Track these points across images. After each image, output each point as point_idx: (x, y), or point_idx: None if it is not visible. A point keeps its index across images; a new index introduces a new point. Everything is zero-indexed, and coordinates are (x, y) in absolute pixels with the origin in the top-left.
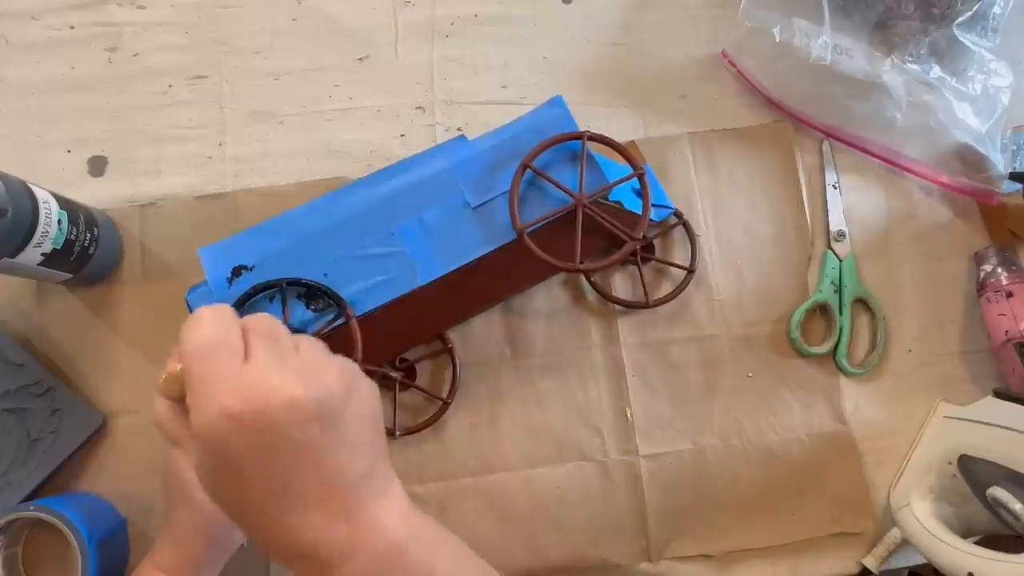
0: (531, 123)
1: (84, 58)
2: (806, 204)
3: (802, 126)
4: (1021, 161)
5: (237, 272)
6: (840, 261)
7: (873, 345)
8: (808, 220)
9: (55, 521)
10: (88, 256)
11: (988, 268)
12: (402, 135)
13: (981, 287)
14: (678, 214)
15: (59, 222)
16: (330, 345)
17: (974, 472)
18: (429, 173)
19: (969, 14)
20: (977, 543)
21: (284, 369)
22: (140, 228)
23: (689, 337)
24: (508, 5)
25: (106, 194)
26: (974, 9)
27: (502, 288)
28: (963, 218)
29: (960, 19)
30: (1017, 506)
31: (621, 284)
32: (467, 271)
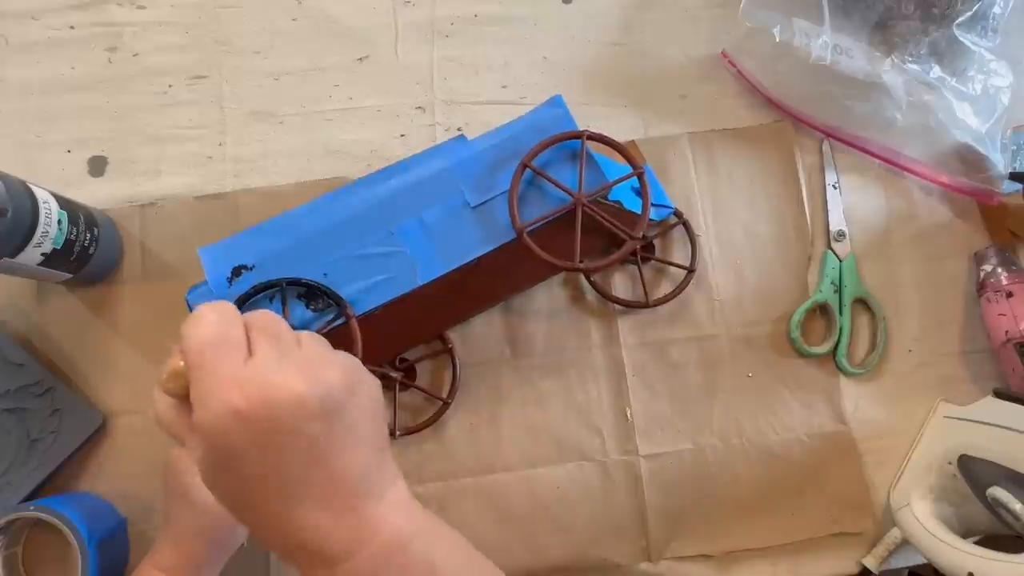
0: (531, 123)
1: (84, 58)
2: (806, 204)
3: (802, 126)
4: (1021, 161)
5: (237, 272)
6: (840, 261)
7: (873, 345)
8: (808, 220)
9: (55, 521)
10: (88, 256)
11: (988, 268)
12: (402, 135)
13: (981, 287)
14: (678, 214)
15: (59, 222)
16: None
17: (974, 472)
18: (429, 173)
19: (969, 14)
20: (977, 543)
21: (287, 365)
22: (140, 228)
23: (689, 337)
24: (508, 5)
25: (106, 194)
26: (974, 9)
27: (502, 288)
28: (963, 218)
29: (960, 19)
30: (1017, 506)
31: (621, 284)
32: (467, 271)
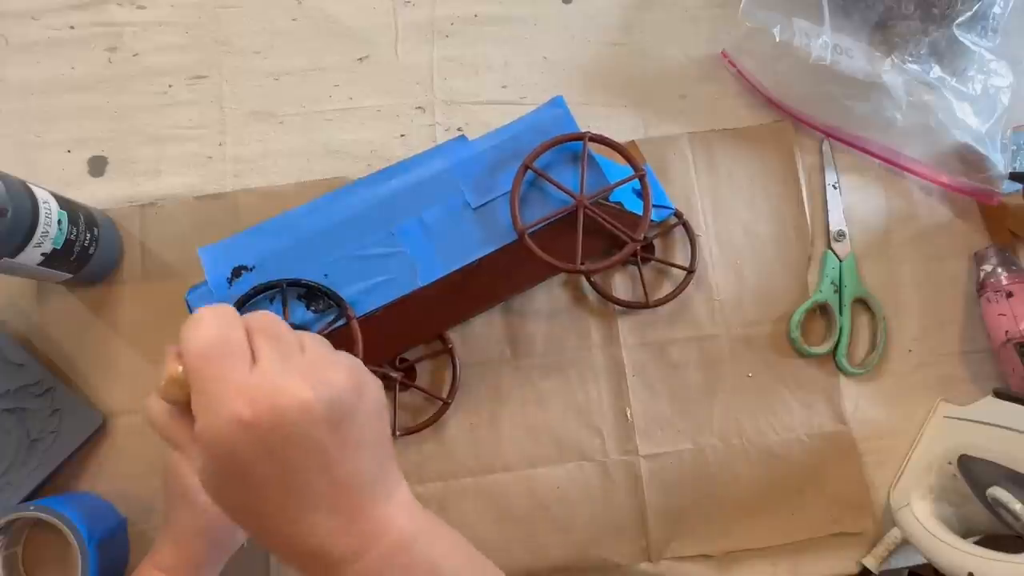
0: (532, 123)
1: (84, 58)
2: (806, 204)
3: (802, 126)
4: (1021, 161)
5: (237, 272)
6: (840, 261)
7: (873, 345)
8: (808, 220)
9: (55, 521)
10: (88, 256)
11: (988, 268)
12: (402, 135)
13: (981, 287)
14: (678, 214)
15: (59, 222)
16: None
17: (974, 472)
18: (429, 173)
19: (969, 14)
20: (977, 543)
21: (292, 371)
22: (140, 228)
23: (689, 337)
24: (508, 5)
25: (106, 194)
26: (974, 9)
27: (502, 288)
28: (963, 218)
29: (960, 19)
30: (1017, 506)
31: (621, 284)
32: (467, 272)
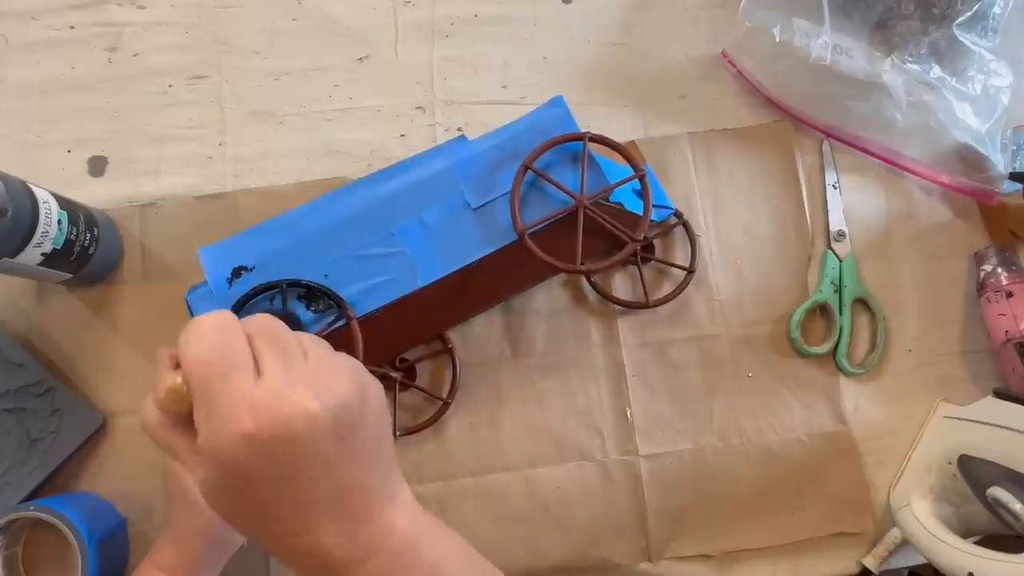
0: (531, 123)
1: (84, 58)
2: (806, 204)
3: (802, 126)
4: (1021, 161)
5: (237, 273)
6: (840, 261)
7: (873, 345)
8: (808, 220)
9: (55, 521)
10: (88, 256)
11: (988, 268)
12: (402, 135)
13: (981, 287)
14: (678, 214)
15: (59, 222)
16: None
17: (974, 472)
18: (429, 173)
19: (969, 14)
20: (977, 543)
21: (297, 381)
22: (140, 228)
23: (689, 337)
24: (508, 5)
25: (106, 194)
26: (974, 9)
27: (502, 288)
28: (963, 218)
29: (960, 19)
30: (1017, 506)
31: (621, 284)
32: (467, 272)
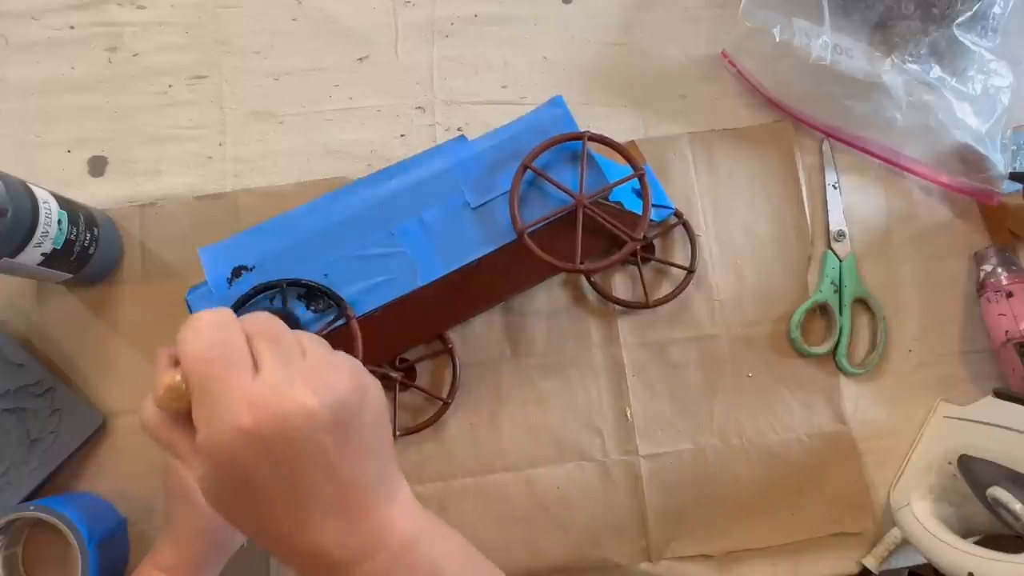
0: (531, 123)
1: (84, 58)
2: (806, 204)
3: (802, 126)
4: (1021, 161)
5: (237, 272)
6: (840, 261)
7: (873, 345)
8: (808, 220)
9: (55, 521)
10: (88, 256)
11: (988, 268)
12: (402, 135)
13: (981, 287)
14: (678, 214)
15: (59, 222)
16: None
17: (974, 472)
18: (429, 173)
19: (969, 14)
20: (977, 543)
21: (295, 377)
22: (140, 228)
23: (689, 337)
24: (508, 5)
25: (106, 194)
26: (974, 9)
27: (502, 288)
28: (963, 218)
29: (960, 19)
30: (1017, 506)
31: (621, 284)
32: (467, 271)
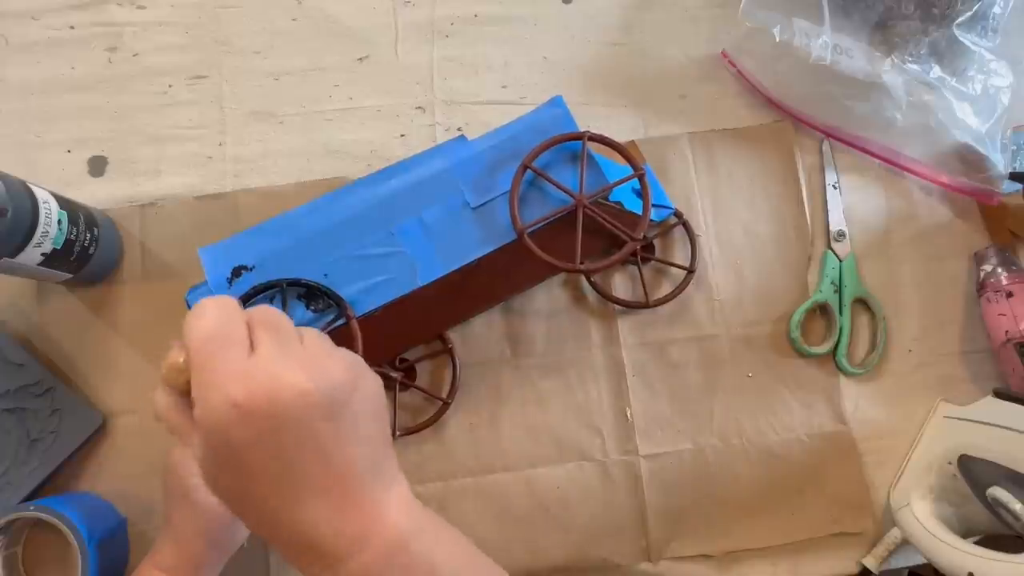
0: (531, 123)
1: (84, 58)
2: (806, 204)
3: (802, 126)
4: (1021, 161)
5: (237, 272)
6: (840, 261)
7: (873, 345)
8: (808, 220)
9: (55, 521)
10: (88, 256)
11: (988, 268)
12: (402, 135)
13: (981, 287)
14: (678, 214)
15: (59, 222)
16: None
17: (974, 472)
18: (429, 173)
19: (969, 14)
20: (977, 543)
21: (290, 359)
22: (140, 228)
23: (689, 337)
24: (508, 5)
25: (106, 194)
26: (974, 9)
27: (502, 288)
28: (963, 218)
29: (960, 19)
30: (1017, 506)
31: (621, 284)
32: (467, 271)
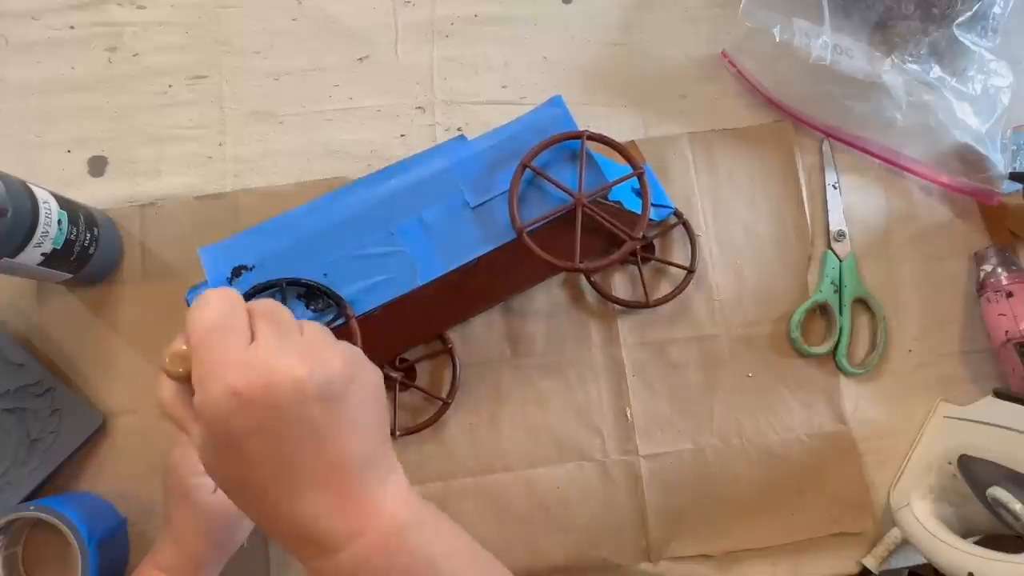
0: (530, 123)
1: (84, 58)
2: (806, 204)
3: (802, 126)
4: (1021, 161)
5: (237, 272)
6: (840, 261)
7: (873, 345)
8: (808, 220)
9: (55, 521)
10: (88, 256)
11: (988, 268)
12: (402, 135)
13: (981, 287)
14: (678, 214)
15: (59, 222)
16: None
17: (974, 472)
18: (429, 173)
19: (969, 14)
20: (977, 543)
21: (289, 350)
22: (140, 228)
23: (689, 337)
24: (508, 5)
25: (106, 194)
26: (974, 9)
27: (502, 288)
28: (963, 218)
29: (960, 19)
30: (1017, 506)
31: (621, 284)
32: (467, 271)
